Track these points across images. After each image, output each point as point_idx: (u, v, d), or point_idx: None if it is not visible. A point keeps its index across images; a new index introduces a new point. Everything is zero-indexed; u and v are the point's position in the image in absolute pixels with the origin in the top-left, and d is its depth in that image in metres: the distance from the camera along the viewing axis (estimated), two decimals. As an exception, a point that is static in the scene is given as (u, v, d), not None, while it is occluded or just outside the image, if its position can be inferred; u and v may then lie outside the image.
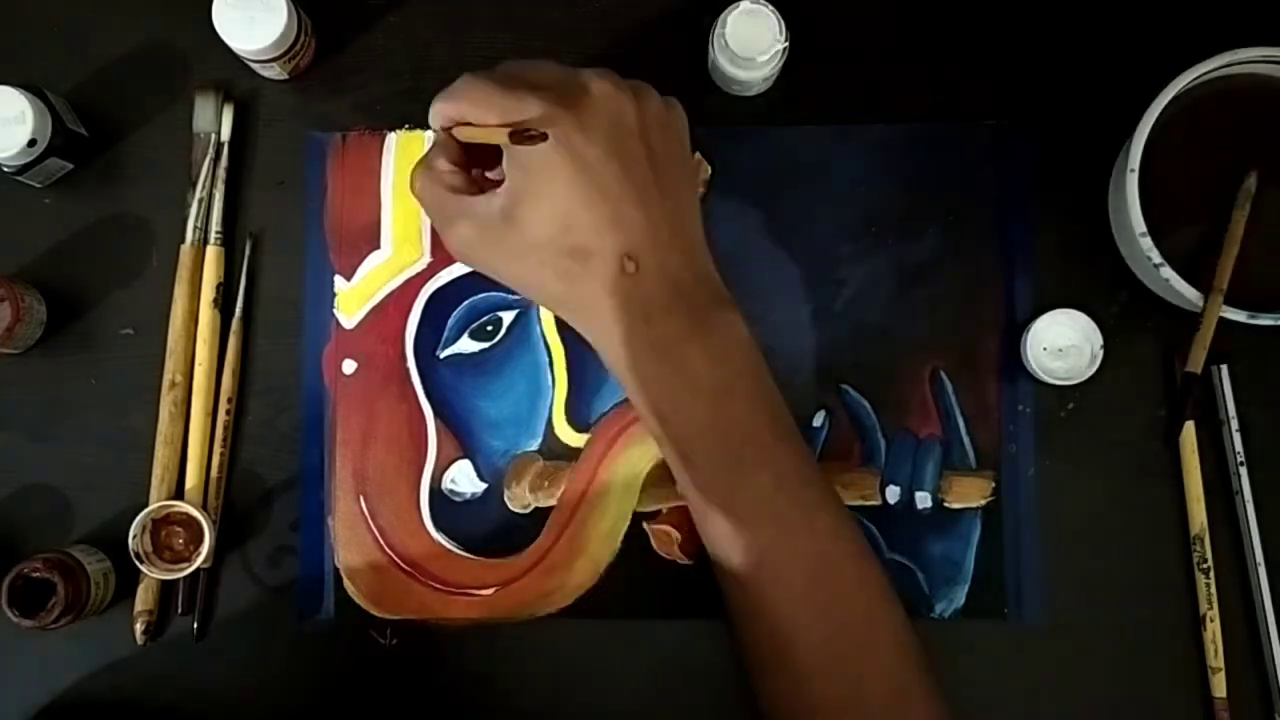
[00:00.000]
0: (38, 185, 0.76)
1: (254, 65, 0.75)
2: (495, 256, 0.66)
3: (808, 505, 0.65)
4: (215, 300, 0.76)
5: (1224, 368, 0.74)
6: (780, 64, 0.73)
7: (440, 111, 0.65)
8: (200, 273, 0.76)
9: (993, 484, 0.75)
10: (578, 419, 0.76)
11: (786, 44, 0.72)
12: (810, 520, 0.65)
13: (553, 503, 0.75)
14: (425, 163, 0.67)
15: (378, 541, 0.75)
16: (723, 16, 0.72)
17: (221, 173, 0.76)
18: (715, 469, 0.64)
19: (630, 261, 0.62)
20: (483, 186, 0.67)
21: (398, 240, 0.77)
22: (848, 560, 0.66)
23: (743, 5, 0.72)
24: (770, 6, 0.72)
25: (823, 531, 0.65)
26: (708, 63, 0.75)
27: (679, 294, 0.64)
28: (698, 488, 0.65)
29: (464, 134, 0.65)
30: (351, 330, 0.76)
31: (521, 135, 0.61)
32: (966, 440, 0.75)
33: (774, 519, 0.64)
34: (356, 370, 0.76)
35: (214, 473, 0.75)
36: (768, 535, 0.64)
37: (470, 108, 0.64)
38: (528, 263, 0.64)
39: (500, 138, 0.62)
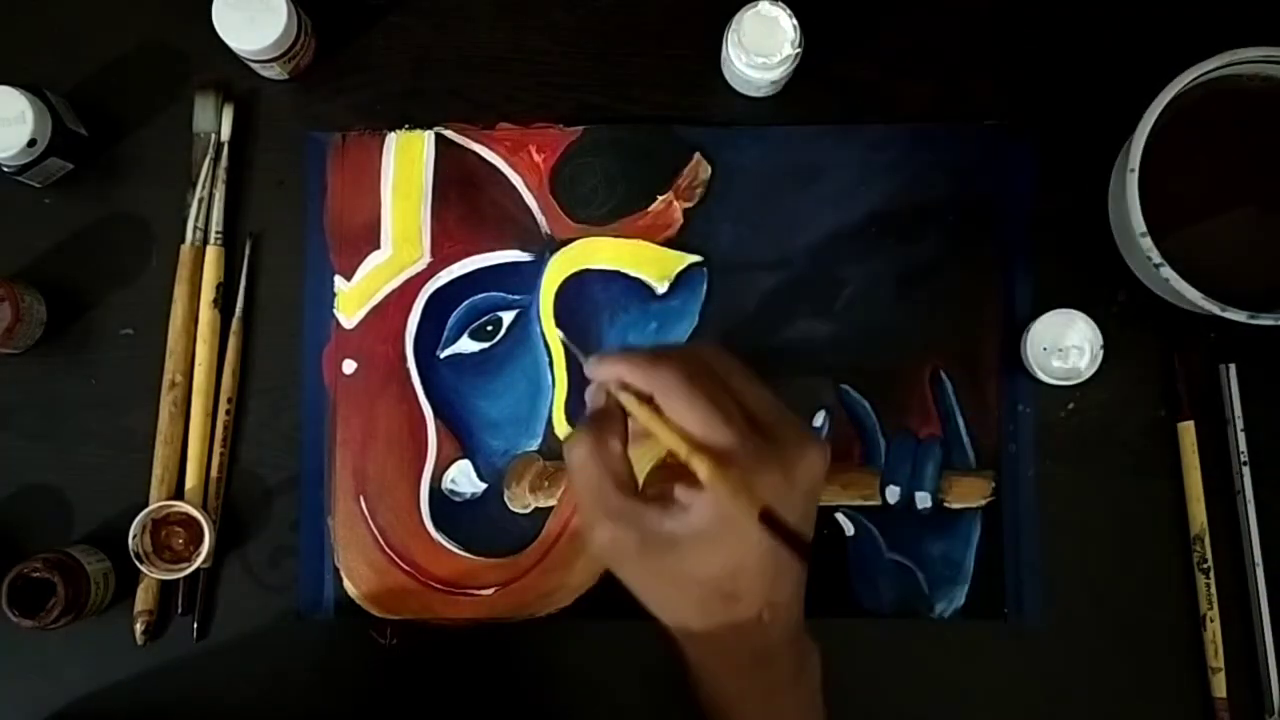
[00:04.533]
0: (38, 185, 0.76)
1: (254, 65, 0.75)
2: (643, 574, 0.61)
3: None
4: (215, 300, 0.76)
5: (1231, 366, 0.74)
6: (793, 67, 0.73)
7: (619, 374, 0.59)
8: (200, 273, 0.76)
9: (993, 484, 0.75)
10: (578, 419, 0.76)
11: (800, 49, 0.72)
12: None
13: (553, 503, 0.75)
14: (594, 436, 0.58)
15: (378, 541, 0.75)
16: (738, 15, 0.72)
17: (221, 173, 0.76)
18: None
19: (767, 610, 0.60)
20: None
21: (398, 240, 0.76)
22: None
23: (760, 6, 0.71)
24: (786, 9, 0.71)
25: None
26: (721, 59, 0.75)
27: (789, 642, 0.63)
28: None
29: (634, 410, 0.58)
30: (351, 330, 0.76)
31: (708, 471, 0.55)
32: (966, 440, 0.75)
33: None
34: (356, 370, 0.76)
35: (214, 473, 0.75)
36: None
37: (662, 398, 0.57)
38: (673, 589, 0.61)
39: (683, 450, 0.56)
